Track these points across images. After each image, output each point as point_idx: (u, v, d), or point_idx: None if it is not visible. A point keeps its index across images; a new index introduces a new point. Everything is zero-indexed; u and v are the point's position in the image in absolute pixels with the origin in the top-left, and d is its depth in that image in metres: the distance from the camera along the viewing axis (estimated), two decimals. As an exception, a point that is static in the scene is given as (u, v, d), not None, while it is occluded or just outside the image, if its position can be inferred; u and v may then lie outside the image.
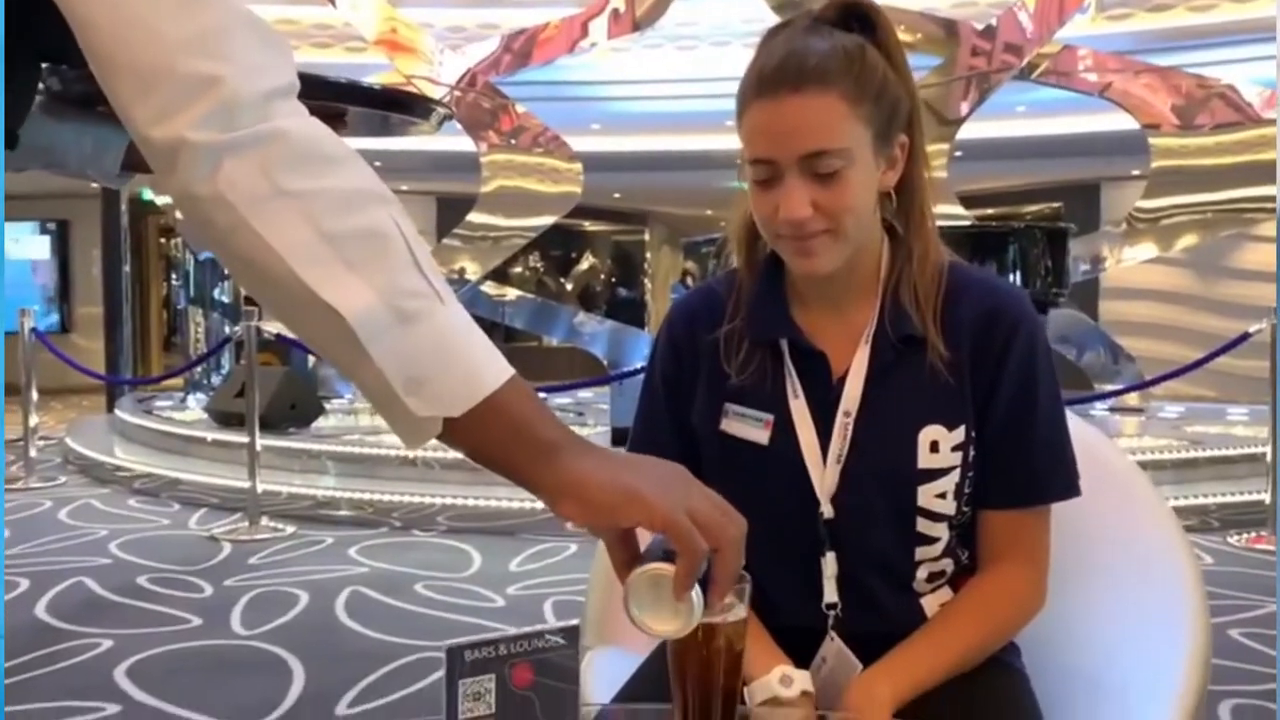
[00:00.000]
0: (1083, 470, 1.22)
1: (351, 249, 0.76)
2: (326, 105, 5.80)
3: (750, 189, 1.16)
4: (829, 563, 1.20)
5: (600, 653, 1.43)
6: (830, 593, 1.21)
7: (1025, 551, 1.22)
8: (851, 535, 1.20)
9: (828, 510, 1.19)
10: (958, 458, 1.18)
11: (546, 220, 9.84)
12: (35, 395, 6.67)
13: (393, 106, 6.85)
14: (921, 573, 1.21)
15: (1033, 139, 10.41)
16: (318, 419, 7.04)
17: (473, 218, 9.74)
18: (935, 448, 1.18)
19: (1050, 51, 8.84)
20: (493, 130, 9.81)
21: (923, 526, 1.19)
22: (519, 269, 12.96)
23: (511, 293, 11.08)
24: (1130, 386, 7.23)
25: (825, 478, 1.19)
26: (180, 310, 12.57)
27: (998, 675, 1.21)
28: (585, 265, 14.59)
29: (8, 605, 3.74)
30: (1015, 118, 9.89)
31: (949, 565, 1.23)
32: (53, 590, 3.93)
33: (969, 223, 8.44)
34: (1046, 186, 11.74)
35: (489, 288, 10.33)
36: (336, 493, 5.50)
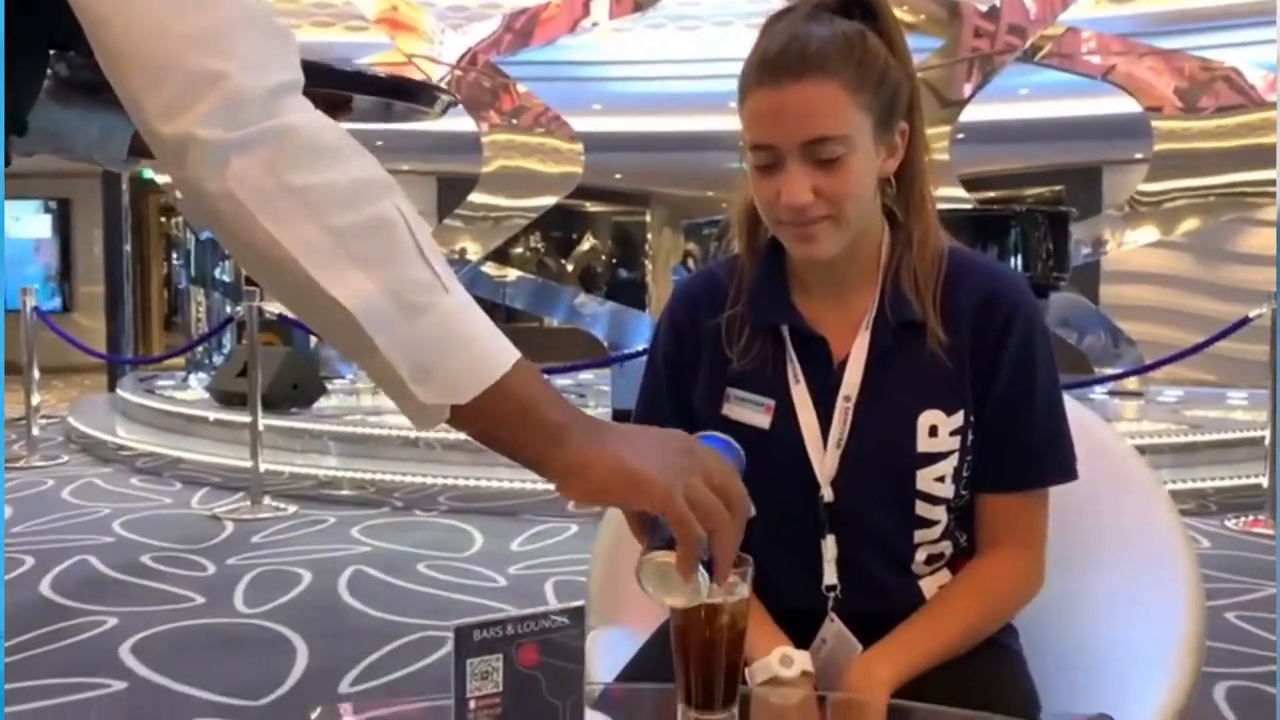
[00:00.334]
0: (1081, 454, 1.23)
1: (357, 243, 0.78)
2: (332, 93, 5.79)
3: (751, 174, 1.17)
4: (829, 545, 1.22)
5: (604, 632, 1.44)
6: (830, 575, 1.22)
7: (1023, 535, 1.23)
8: (851, 518, 1.21)
9: (828, 494, 1.21)
10: (956, 442, 1.19)
11: (548, 201, 9.84)
12: (37, 374, 6.69)
13: (399, 94, 6.82)
14: (920, 555, 1.23)
15: (1035, 121, 10.37)
16: (319, 399, 7.06)
17: (474, 198, 9.74)
18: (934, 432, 1.19)
19: (1054, 34, 8.81)
20: (494, 110, 9.79)
21: (922, 510, 1.21)
22: (520, 249, 12.92)
23: (512, 273, 11.06)
24: (1130, 370, 7.23)
25: (825, 462, 1.21)
26: (181, 290, 12.58)
27: (995, 657, 1.23)
28: (586, 246, 14.54)
29: (13, 583, 3.76)
30: (1018, 100, 9.84)
31: (948, 548, 1.24)
32: (57, 568, 3.96)
33: (971, 206, 8.43)
34: (1048, 169, 11.68)
35: (490, 268, 10.32)
36: (338, 472, 5.52)
